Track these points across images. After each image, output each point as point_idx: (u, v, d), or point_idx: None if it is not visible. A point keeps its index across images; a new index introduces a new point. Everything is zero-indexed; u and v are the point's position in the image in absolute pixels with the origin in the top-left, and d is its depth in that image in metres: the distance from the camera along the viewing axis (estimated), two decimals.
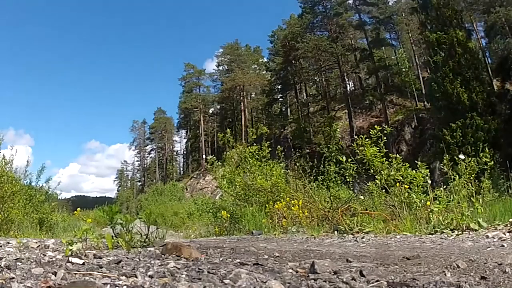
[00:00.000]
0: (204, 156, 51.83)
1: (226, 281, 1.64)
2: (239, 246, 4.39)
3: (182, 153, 66.53)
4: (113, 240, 3.09)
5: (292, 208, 7.43)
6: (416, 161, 6.78)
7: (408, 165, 6.59)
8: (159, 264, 2.12)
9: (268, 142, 10.72)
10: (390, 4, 40.93)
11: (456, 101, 17.39)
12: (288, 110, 50.36)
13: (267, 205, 8.11)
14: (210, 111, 60.81)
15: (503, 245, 3.45)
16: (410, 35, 38.34)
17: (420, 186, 6.22)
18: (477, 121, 16.56)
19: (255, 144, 10.81)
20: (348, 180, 7.91)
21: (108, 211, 3.21)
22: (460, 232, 4.62)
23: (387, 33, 42.08)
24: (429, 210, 5.40)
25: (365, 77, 42.91)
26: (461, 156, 5.85)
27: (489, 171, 6.05)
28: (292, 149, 33.18)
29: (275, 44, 50.42)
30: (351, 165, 7.48)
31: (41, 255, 2.42)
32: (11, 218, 7.84)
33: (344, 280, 1.76)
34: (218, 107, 59.99)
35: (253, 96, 56.51)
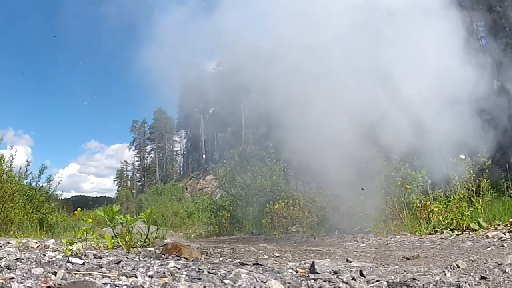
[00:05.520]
0: (204, 156, 51.76)
1: (226, 281, 1.64)
2: (239, 246, 4.39)
3: (182, 153, 66.43)
4: (113, 240, 3.09)
5: (293, 208, 7.44)
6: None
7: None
8: (159, 264, 2.12)
9: (269, 142, 10.70)
10: None
11: None
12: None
13: (267, 205, 8.12)
14: (210, 111, 60.79)
15: (503, 245, 3.45)
16: None
17: (420, 186, 6.22)
18: None
19: (254, 145, 10.82)
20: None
21: (108, 211, 3.21)
22: (460, 232, 4.63)
23: None
24: (429, 210, 5.40)
25: None
26: (462, 156, 5.84)
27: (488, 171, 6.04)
28: None
29: None
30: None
31: (41, 255, 2.42)
32: (11, 218, 7.84)
33: (344, 280, 1.76)
34: (218, 107, 59.94)
35: (253, 96, 56.39)
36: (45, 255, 2.40)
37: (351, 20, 5.57)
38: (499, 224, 4.73)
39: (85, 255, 2.42)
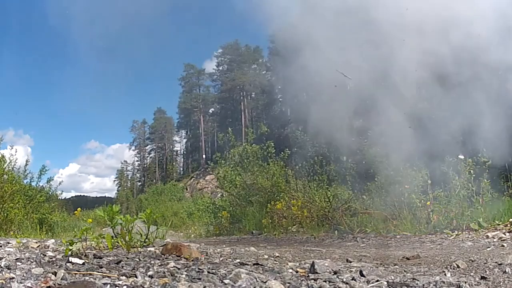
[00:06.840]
0: (204, 156, 51.76)
1: (226, 281, 1.64)
2: (239, 246, 4.39)
3: (182, 153, 66.46)
4: (113, 240, 3.09)
5: (292, 208, 7.43)
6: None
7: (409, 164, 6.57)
8: (159, 264, 2.12)
9: (270, 142, 10.66)
10: None
11: None
12: (288, 110, 50.22)
13: (268, 205, 8.10)
14: (210, 111, 60.84)
15: (503, 245, 3.46)
16: None
17: (420, 186, 6.21)
18: None
19: (255, 144, 10.81)
20: (348, 179, 7.91)
21: (108, 211, 3.20)
22: (460, 232, 4.63)
23: None
24: (429, 210, 5.40)
25: None
26: (461, 156, 5.83)
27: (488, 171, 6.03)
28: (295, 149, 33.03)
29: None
30: (351, 164, 7.49)
31: (41, 255, 2.42)
32: (11, 218, 7.83)
33: (344, 280, 1.76)
34: (218, 107, 59.99)
35: (253, 96, 56.46)
36: (45, 255, 2.40)
37: None
38: (499, 224, 4.73)
39: (85, 255, 2.42)
